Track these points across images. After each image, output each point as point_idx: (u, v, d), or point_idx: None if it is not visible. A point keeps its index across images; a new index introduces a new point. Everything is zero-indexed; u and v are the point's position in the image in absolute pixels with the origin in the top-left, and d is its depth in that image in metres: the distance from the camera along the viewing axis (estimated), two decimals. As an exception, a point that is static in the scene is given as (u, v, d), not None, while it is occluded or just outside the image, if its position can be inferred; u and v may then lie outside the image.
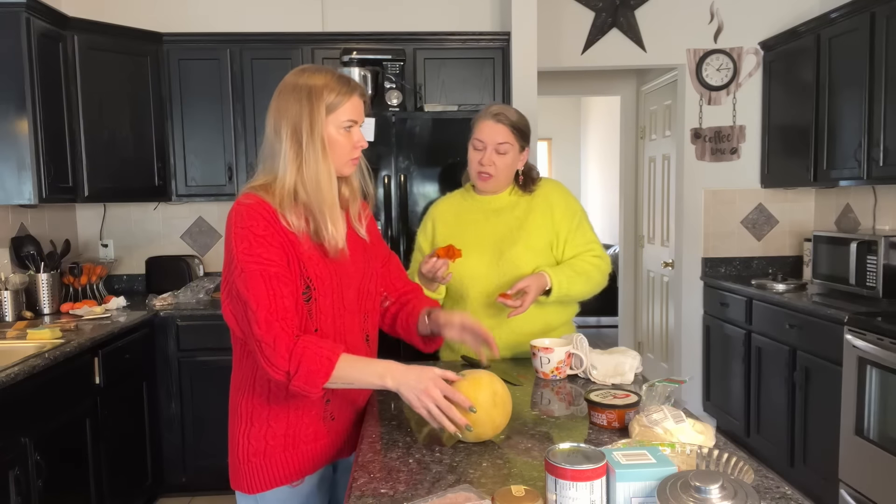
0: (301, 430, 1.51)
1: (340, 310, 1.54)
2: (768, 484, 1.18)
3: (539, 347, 1.84)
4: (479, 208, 2.12)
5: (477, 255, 2.04)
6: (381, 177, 3.06)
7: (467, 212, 2.13)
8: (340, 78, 1.50)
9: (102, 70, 3.27)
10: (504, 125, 2.02)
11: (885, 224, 3.56)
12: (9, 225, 3.19)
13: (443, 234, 2.12)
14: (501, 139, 2.01)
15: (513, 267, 2.03)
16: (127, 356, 2.95)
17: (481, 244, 2.06)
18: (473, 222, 2.11)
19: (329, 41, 3.55)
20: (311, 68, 1.53)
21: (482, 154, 2.03)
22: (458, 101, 3.53)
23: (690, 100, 4.21)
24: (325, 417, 1.54)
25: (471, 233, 2.08)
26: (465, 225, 2.11)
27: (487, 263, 2.04)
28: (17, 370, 2.13)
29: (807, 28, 3.65)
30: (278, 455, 1.50)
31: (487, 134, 2.02)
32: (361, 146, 1.53)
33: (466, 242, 2.02)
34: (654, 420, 1.31)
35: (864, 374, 2.77)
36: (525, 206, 2.11)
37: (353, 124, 1.51)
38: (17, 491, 2.10)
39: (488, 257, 2.04)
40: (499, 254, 2.04)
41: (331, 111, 1.47)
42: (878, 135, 3.10)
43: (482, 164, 2.04)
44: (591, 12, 4.11)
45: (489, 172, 2.04)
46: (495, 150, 2.02)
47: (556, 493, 0.98)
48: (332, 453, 1.58)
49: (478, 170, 2.06)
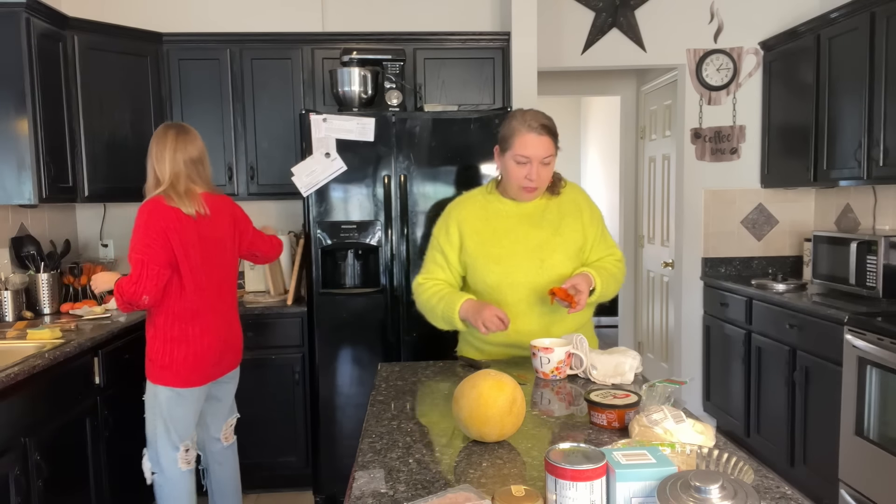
0: None
1: None
2: (768, 484, 1.18)
3: (539, 347, 1.84)
4: (511, 213, 2.07)
5: (516, 262, 2.01)
6: (380, 177, 3.06)
7: (497, 217, 2.08)
8: None
9: (102, 70, 3.27)
10: (548, 137, 1.96)
11: (885, 224, 3.56)
12: (9, 225, 3.19)
13: (474, 240, 2.06)
14: (547, 153, 1.96)
15: (554, 273, 2.01)
16: (127, 356, 2.95)
17: (519, 251, 2.03)
18: (508, 229, 2.06)
19: (329, 41, 3.55)
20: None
21: (527, 168, 1.96)
22: (458, 101, 3.53)
23: (690, 100, 4.20)
24: None
25: (507, 240, 2.04)
26: (498, 231, 2.06)
27: (527, 271, 2.01)
28: (17, 370, 2.13)
29: (807, 28, 3.65)
30: None
31: (533, 149, 1.94)
32: None
33: (503, 249, 2.02)
34: (654, 420, 1.31)
35: (864, 374, 2.77)
36: (555, 210, 2.08)
37: None
38: (17, 491, 2.10)
39: (528, 264, 2.02)
40: (539, 261, 2.02)
41: None
42: (878, 135, 3.10)
43: (530, 178, 1.97)
44: (591, 12, 4.11)
45: (536, 186, 2.00)
46: (541, 163, 1.96)
47: (556, 493, 0.98)
48: None
49: (523, 185, 1.99)
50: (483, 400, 1.35)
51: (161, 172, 2.46)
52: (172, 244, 2.37)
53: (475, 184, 3.07)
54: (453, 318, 1.98)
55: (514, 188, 2.02)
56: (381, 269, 3.12)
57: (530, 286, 2.01)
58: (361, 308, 3.13)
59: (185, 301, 2.44)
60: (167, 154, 2.47)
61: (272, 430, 3.32)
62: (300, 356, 3.31)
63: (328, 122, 3.01)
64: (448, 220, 2.12)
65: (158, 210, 2.38)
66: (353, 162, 3.03)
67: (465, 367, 2.04)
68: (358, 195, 3.07)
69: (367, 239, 3.09)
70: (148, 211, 2.37)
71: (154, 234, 2.34)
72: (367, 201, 3.08)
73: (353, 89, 3.18)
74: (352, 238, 3.09)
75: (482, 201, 2.11)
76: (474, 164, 3.08)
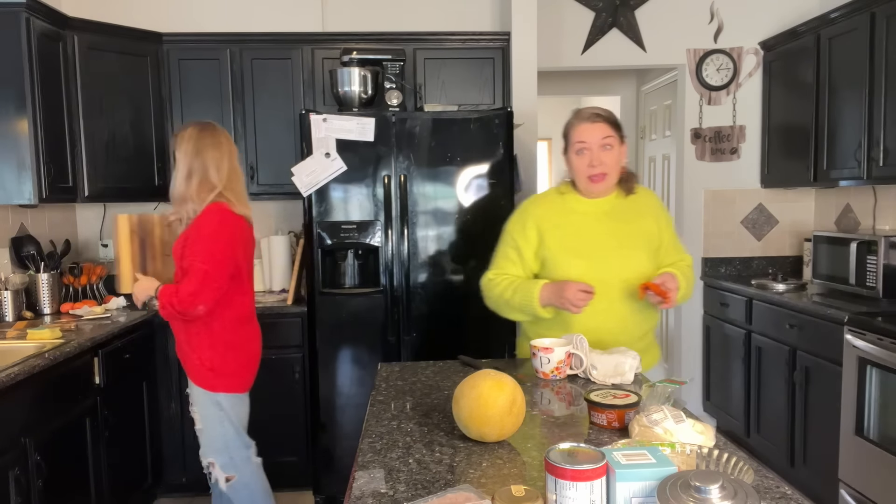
0: None
1: None
2: (768, 484, 1.18)
3: (539, 347, 1.84)
4: (589, 211, 2.08)
5: (600, 257, 2.01)
6: (380, 177, 3.06)
7: (575, 215, 2.08)
8: None
9: (102, 70, 3.27)
10: (602, 122, 2.00)
11: (885, 224, 3.56)
12: (9, 225, 3.19)
13: (555, 235, 2.06)
14: (603, 134, 1.99)
15: (637, 270, 2.01)
16: (127, 356, 2.95)
17: (603, 246, 2.03)
18: (588, 225, 2.06)
19: (329, 41, 3.55)
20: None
21: (588, 156, 2.00)
22: (458, 101, 3.53)
23: (690, 100, 4.20)
24: None
25: (589, 235, 2.05)
26: (579, 227, 2.06)
27: (610, 266, 2.01)
28: (17, 370, 2.13)
29: (807, 28, 3.65)
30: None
31: (589, 134, 1.99)
32: None
33: (585, 244, 2.02)
34: (654, 420, 1.31)
35: (864, 374, 2.77)
36: (632, 210, 2.09)
37: None
38: (17, 491, 2.10)
39: (612, 260, 2.02)
40: (623, 258, 2.02)
41: None
42: (878, 135, 3.10)
43: (592, 165, 2.00)
44: (591, 12, 4.11)
45: (601, 172, 2.00)
46: (601, 147, 1.99)
47: (556, 493, 0.98)
48: None
49: (588, 173, 2.01)
50: (483, 400, 1.35)
51: (219, 175, 2.38)
52: (237, 253, 2.35)
53: (475, 183, 3.09)
54: (533, 307, 1.98)
55: (583, 180, 2.04)
56: (381, 269, 3.12)
57: (612, 282, 2.00)
58: (361, 308, 3.13)
59: (244, 306, 2.45)
60: (226, 156, 2.41)
61: (272, 429, 3.31)
62: (300, 356, 3.31)
63: (328, 122, 3.01)
64: (524, 216, 2.12)
65: (228, 219, 2.34)
66: (353, 162, 3.03)
67: (465, 367, 2.04)
68: (358, 195, 3.07)
69: (367, 239, 3.09)
70: (219, 220, 2.32)
71: (222, 244, 2.30)
72: (367, 201, 3.08)
73: (353, 89, 3.18)
74: (352, 238, 3.09)
75: (558, 199, 2.12)
76: (474, 164, 3.08)
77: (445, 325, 3.13)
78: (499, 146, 3.07)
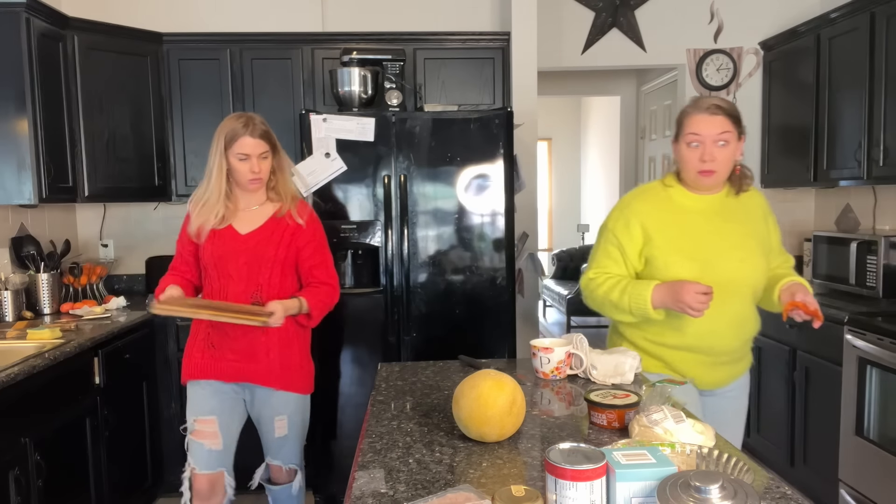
0: (195, 347, 2.28)
1: (225, 275, 2.22)
2: (768, 484, 1.18)
3: (539, 347, 1.84)
4: (698, 209, 1.96)
5: (714, 258, 1.90)
6: (380, 177, 3.06)
7: (683, 211, 1.96)
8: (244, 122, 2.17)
9: (102, 70, 3.27)
10: (721, 116, 1.88)
11: (885, 224, 3.56)
12: (9, 225, 3.19)
13: (664, 234, 1.93)
14: (720, 129, 1.87)
15: (754, 273, 1.93)
16: (127, 356, 2.95)
17: (718, 247, 1.91)
18: (698, 224, 1.94)
19: (329, 41, 3.55)
20: (232, 114, 2.23)
21: (700, 150, 1.88)
22: (458, 101, 3.53)
23: (690, 100, 4.20)
24: (208, 344, 2.25)
25: (701, 235, 1.93)
26: (689, 226, 1.94)
27: (725, 268, 1.89)
28: (17, 370, 2.13)
29: (807, 28, 3.65)
30: (184, 360, 2.30)
31: (704, 127, 1.87)
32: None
33: (698, 245, 1.91)
34: (654, 420, 1.31)
35: (864, 374, 2.77)
36: (742, 210, 1.99)
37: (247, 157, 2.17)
38: (17, 491, 2.10)
39: (727, 262, 1.90)
40: (739, 260, 1.91)
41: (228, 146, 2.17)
42: (878, 135, 3.10)
43: (703, 160, 1.88)
44: (591, 12, 4.11)
45: (712, 168, 1.88)
46: (715, 142, 1.87)
47: (555, 493, 0.98)
48: (210, 371, 2.25)
49: (698, 168, 1.89)
50: (483, 400, 1.35)
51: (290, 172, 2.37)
52: None
53: (475, 183, 3.09)
54: (646, 309, 1.87)
55: (691, 174, 1.92)
56: (381, 269, 3.12)
57: (728, 285, 1.88)
58: (361, 308, 3.13)
59: None
60: None
61: (272, 430, 3.32)
62: (300, 356, 3.31)
63: (328, 122, 3.01)
64: (628, 213, 1.98)
65: None
66: (353, 162, 3.03)
67: (466, 367, 2.04)
68: (358, 195, 3.07)
69: (367, 239, 3.09)
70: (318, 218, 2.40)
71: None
72: (367, 201, 3.08)
73: (353, 89, 3.18)
74: (352, 238, 3.09)
75: (662, 194, 2.00)
76: (474, 164, 3.08)
77: (445, 325, 3.13)
78: (499, 146, 3.07)
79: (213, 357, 2.25)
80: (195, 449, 2.26)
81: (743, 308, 1.95)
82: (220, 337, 2.24)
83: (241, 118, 2.20)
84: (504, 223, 3.09)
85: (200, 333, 2.28)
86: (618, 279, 1.96)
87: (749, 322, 2.00)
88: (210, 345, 2.25)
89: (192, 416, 2.26)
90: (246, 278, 2.21)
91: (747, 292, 1.94)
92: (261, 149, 2.20)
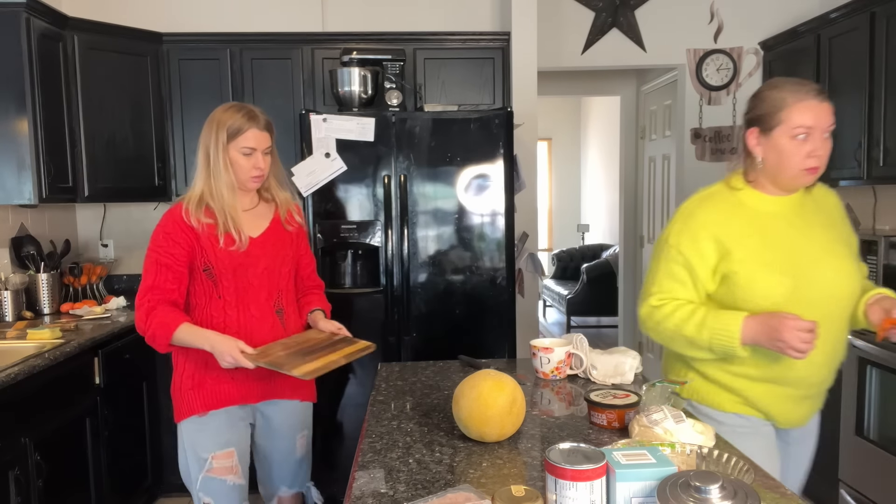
0: (207, 374, 1.96)
1: (245, 285, 1.98)
2: (768, 484, 1.18)
3: (539, 347, 1.84)
4: (778, 213, 1.68)
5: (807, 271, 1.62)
6: (380, 177, 3.06)
7: (759, 216, 1.67)
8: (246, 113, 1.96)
9: (102, 70, 3.27)
10: (829, 103, 1.64)
11: (885, 224, 3.56)
12: (9, 225, 3.19)
13: (743, 249, 1.63)
14: (831, 121, 1.63)
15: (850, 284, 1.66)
16: (127, 356, 2.95)
17: (803, 261, 1.63)
18: (781, 233, 1.65)
19: (329, 41, 3.55)
20: (227, 105, 2.00)
21: (809, 144, 1.61)
22: (458, 101, 3.53)
23: (690, 100, 4.20)
24: (221, 369, 1.92)
25: (785, 247, 1.64)
26: (771, 238, 1.65)
27: (821, 282, 1.62)
28: (17, 370, 2.13)
29: (807, 28, 3.65)
30: (187, 393, 1.97)
31: (815, 116, 1.61)
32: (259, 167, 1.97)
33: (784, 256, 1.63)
34: (654, 420, 1.31)
35: (864, 374, 2.77)
36: (821, 209, 1.74)
37: (253, 151, 1.96)
38: (17, 491, 2.10)
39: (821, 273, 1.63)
40: (834, 270, 1.64)
41: (231, 139, 1.94)
42: (878, 135, 3.10)
43: (812, 155, 1.61)
44: (591, 12, 4.11)
45: (818, 165, 1.63)
46: (824, 134, 1.63)
47: (556, 493, 0.98)
48: (236, 396, 1.99)
49: (805, 165, 1.62)
50: (483, 400, 1.35)
51: None
52: None
53: (475, 183, 3.08)
54: (733, 347, 1.57)
55: (793, 172, 1.63)
56: (381, 269, 3.12)
57: (825, 302, 1.62)
58: (361, 308, 3.13)
59: None
60: None
61: (272, 430, 3.32)
62: (300, 356, 3.31)
63: (328, 122, 3.01)
64: (694, 225, 1.69)
65: None
66: (353, 162, 3.03)
67: (465, 368, 2.04)
68: (358, 195, 3.07)
69: (367, 239, 3.09)
70: None
71: None
72: (367, 201, 3.08)
73: (353, 89, 3.18)
74: (352, 238, 3.09)
75: (732, 200, 1.71)
76: (474, 164, 3.08)
77: (445, 325, 3.13)
78: (499, 146, 3.07)
79: (234, 380, 1.97)
80: (215, 488, 1.97)
81: (841, 328, 1.68)
82: None
83: (241, 109, 1.98)
84: (504, 223, 3.09)
85: (203, 359, 1.94)
86: (692, 309, 1.65)
87: (844, 344, 1.72)
88: (225, 369, 1.92)
89: (207, 453, 1.96)
90: (267, 285, 2.01)
91: (846, 307, 1.67)
92: (266, 143, 2.01)
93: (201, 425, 1.97)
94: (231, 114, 1.96)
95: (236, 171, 1.97)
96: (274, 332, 2.00)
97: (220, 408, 1.97)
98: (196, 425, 1.97)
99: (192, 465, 1.98)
